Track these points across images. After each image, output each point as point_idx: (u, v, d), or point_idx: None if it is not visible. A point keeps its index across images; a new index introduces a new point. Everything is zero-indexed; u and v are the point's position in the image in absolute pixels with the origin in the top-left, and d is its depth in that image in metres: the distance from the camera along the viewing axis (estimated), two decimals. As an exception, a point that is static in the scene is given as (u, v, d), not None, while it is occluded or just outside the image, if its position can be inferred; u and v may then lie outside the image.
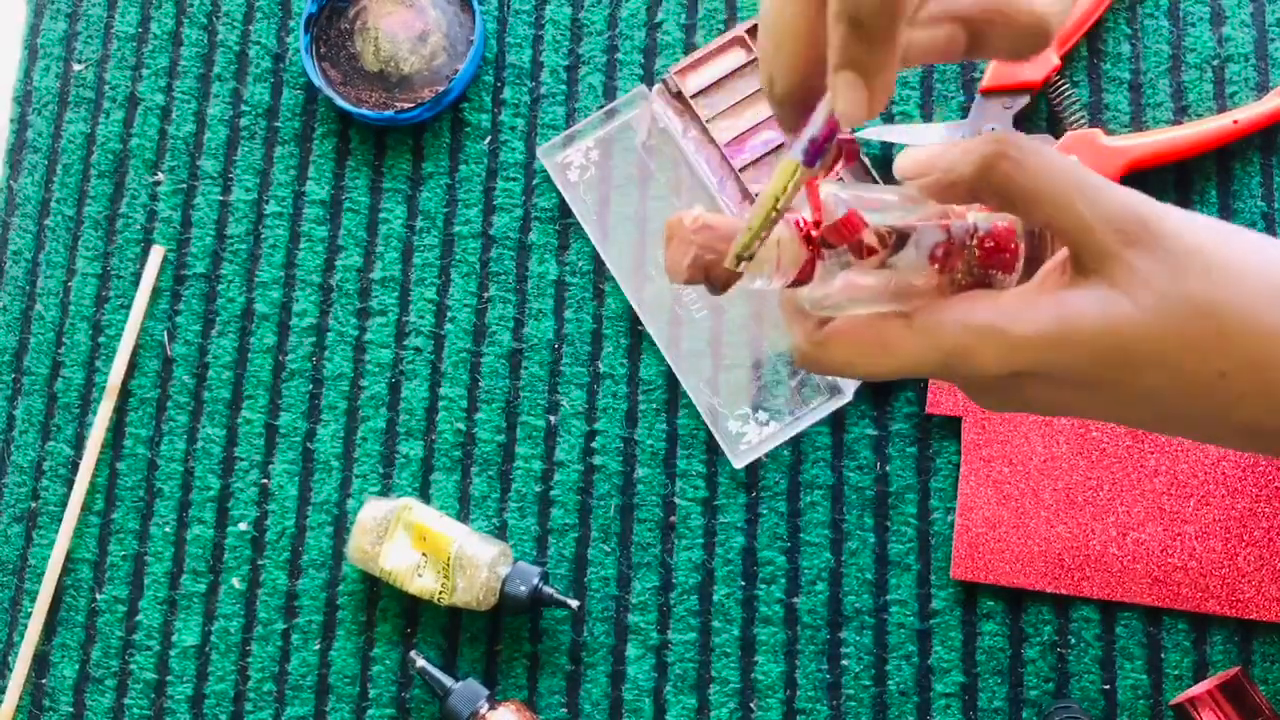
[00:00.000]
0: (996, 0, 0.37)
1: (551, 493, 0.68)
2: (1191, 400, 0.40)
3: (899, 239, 0.39)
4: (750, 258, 0.38)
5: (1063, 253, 0.40)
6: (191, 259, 0.72)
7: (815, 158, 0.37)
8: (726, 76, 0.71)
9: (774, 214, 0.37)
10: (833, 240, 0.38)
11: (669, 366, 0.69)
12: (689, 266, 0.39)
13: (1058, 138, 0.67)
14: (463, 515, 0.68)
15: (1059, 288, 0.39)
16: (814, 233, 0.39)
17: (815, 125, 0.37)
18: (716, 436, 0.67)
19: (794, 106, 0.39)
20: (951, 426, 0.67)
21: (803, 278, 0.39)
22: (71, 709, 0.68)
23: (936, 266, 0.40)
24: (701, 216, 0.39)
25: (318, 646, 0.67)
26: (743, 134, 0.70)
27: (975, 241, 0.41)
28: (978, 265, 0.41)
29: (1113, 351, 0.38)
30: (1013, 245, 0.41)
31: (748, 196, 0.70)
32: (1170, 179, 0.68)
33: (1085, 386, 0.40)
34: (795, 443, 0.67)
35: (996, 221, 0.41)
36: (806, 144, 0.37)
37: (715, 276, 0.39)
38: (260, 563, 0.69)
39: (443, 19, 0.73)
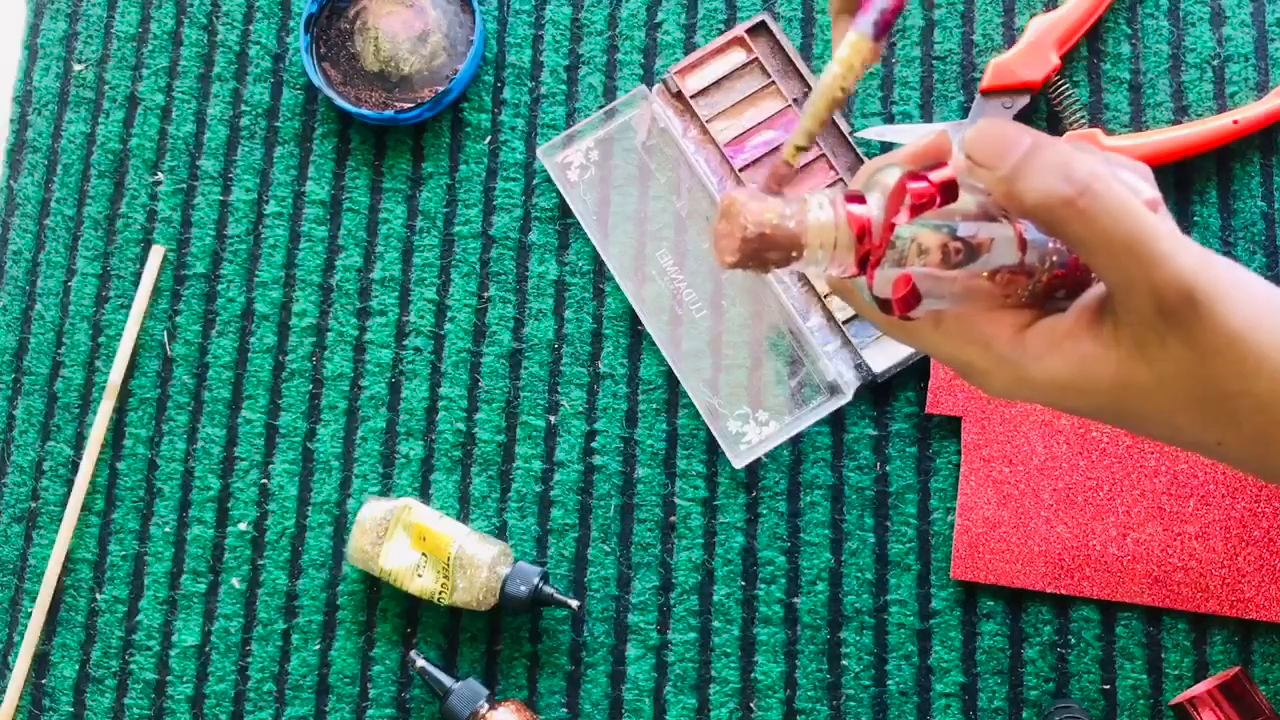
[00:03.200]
0: None
1: (551, 493, 0.68)
2: (1186, 447, 0.41)
3: (969, 252, 0.38)
4: (808, 147, 0.36)
5: (1101, 289, 0.40)
6: (191, 259, 0.72)
7: (884, 31, 0.36)
8: (726, 76, 0.71)
9: (839, 95, 0.36)
10: (911, 207, 0.36)
11: (669, 366, 0.69)
12: (743, 244, 0.36)
13: (1058, 137, 0.67)
14: (463, 515, 0.68)
15: (1087, 327, 0.39)
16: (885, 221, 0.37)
17: None
18: (716, 436, 0.67)
19: None
20: (951, 426, 0.67)
21: (861, 270, 0.38)
22: (71, 709, 0.68)
23: (995, 285, 0.39)
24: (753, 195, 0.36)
25: (318, 646, 0.67)
26: (743, 134, 0.70)
27: (1048, 268, 0.39)
28: (1043, 290, 0.40)
29: (1119, 409, 0.39)
30: (1088, 279, 0.41)
31: (748, 196, 0.70)
32: (1170, 179, 0.68)
33: (1089, 418, 0.42)
34: (795, 443, 0.67)
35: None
36: (876, 16, 0.35)
37: (767, 257, 0.36)
38: (260, 563, 0.69)
39: (443, 19, 0.73)
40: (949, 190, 0.36)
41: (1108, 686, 0.64)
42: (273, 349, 0.71)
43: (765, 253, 0.36)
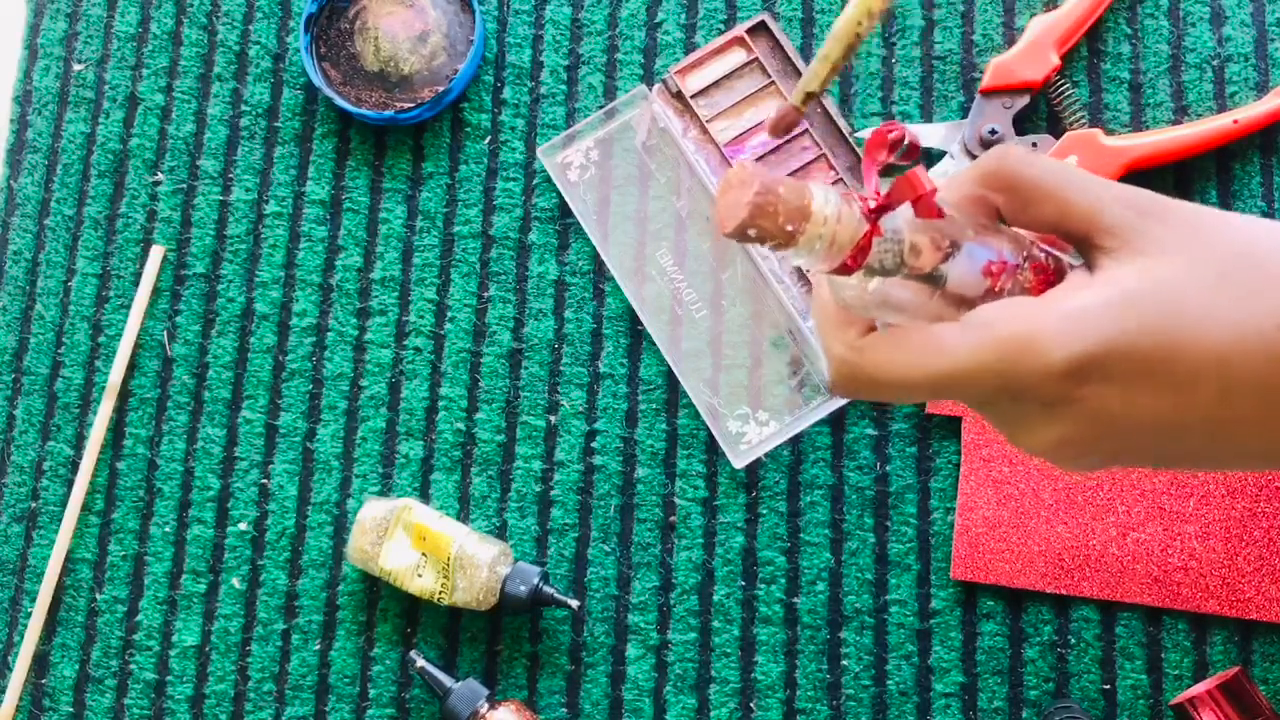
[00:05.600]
0: None
1: (551, 493, 0.68)
2: (1252, 362, 0.37)
3: (954, 247, 0.39)
4: (820, 93, 0.36)
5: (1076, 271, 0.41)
6: (191, 259, 0.72)
7: None
8: (726, 76, 0.71)
9: (854, 39, 0.36)
10: (899, 197, 0.37)
11: (669, 366, 0.69)
12: (746, 212, 0.36)
13: (1058, 138, 0.67)
14: (463, 515, 0.68)
15: (1095, 276, 0.39)
16: (874, 202, 0.37)
17: None
18: (716, 436, 0.67)
19: None
20: (951, 426, 0.67)
21: (851, 264, 0.38)
22: (71, 709, 0.68)
23: (989, 280, 0.39)
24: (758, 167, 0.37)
25: (318, 646, 0.67)
26: (743, 134, 0.70)
27: (1027, 262, 0.40)
28: (1030, 285, 0.40)
29: (1167, 315, 0.37)
30: (1066, 267, 0.41)
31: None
32: (1170, 179, 0.68)
33: (1148, 377, 0.37)
34: (795, 443, 0.67)
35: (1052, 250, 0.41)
36: None
37: (769, 231, 0.36)
38: (260, 563, 0.69)
39: (443, 19, 0.73)
40: (933, 203, 0.38)
41: (1108, 686, 0.64)
42: (273, 349, 0.71)
43: (768, 222, 0.36)
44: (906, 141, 0.38)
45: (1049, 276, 0.41)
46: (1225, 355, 0.37)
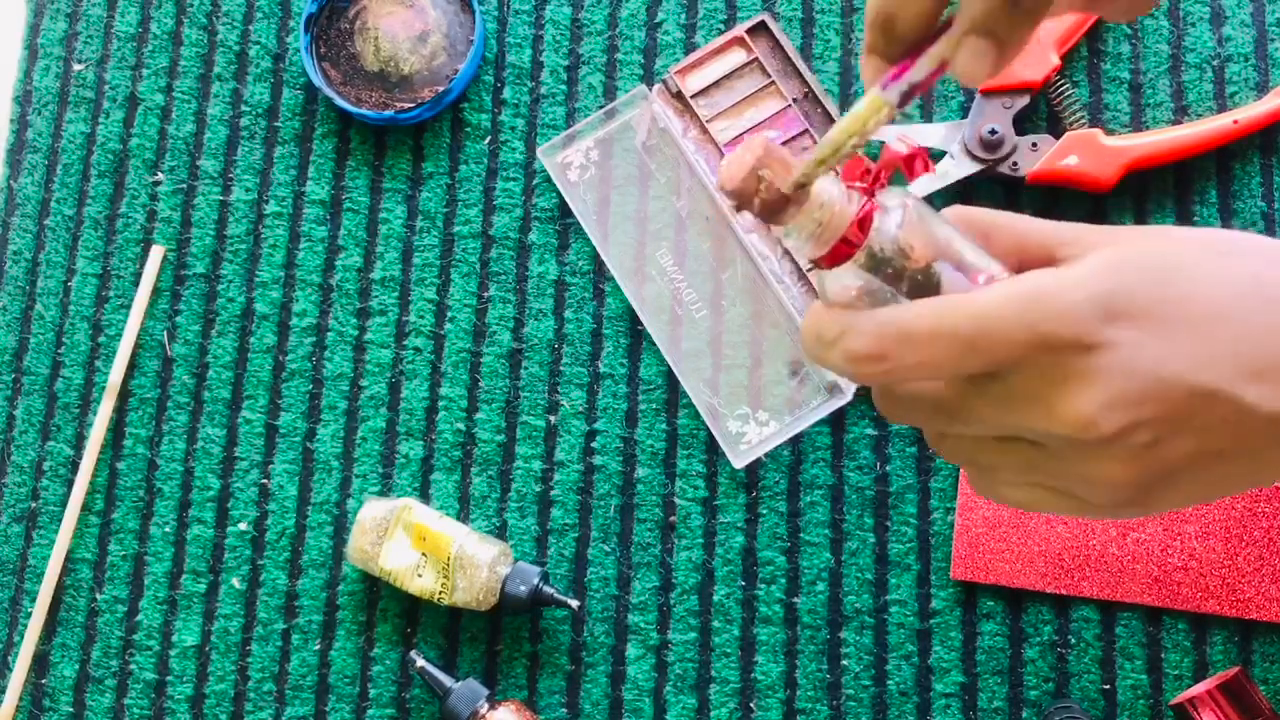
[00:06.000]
0: None
1: (551, 493, 0.68)
2: (1244, 309, 0.37)
3: (946, 246, 0.40)
4: (805, 186, 0.37)
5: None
6: (191, 259, 0.72)
7: (908, 101, 0.37)
8: (726, 76, 0.71)
9: (850, 147, 0.37)
10: (890, 162, 0.38)
11: (669, 366, 0.69)
12: (744, 175, 0.37)
13: (1058, 138, 0.67)
14: (463, 515, 0.68)
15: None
16: (864, 184, 0.38)
17: (920, 72, 0.37)
18: (716, 436, 0.67)
19: (905, 49, 0.39)
20: (951, 426, 0.67)
21: (849, 245, 0.38)
22: (71, 709, 0.68)
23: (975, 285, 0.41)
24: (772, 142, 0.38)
25: (318, 646, 0.67)
26: (743, 134, 0.70)
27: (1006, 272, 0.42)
28: None
29: (1166, 269, 0.37)
30: None
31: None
32: (1170, 179, 0.68)
33: (1169, 322, 0.37)
34: (795, 443, 0.67)
35: None
36: (905, 87, 0.37)
37: (765, 200, 0.37)
38: (260, 563, 0.69)
39: (443, 19, 0.73)
40: (926, 159, 0.40)
41: (1108, 686, 0.64)
42: (273, 349, 0.71)
43: (768, 186, 0.37)
44: (914, 157, 0.39)
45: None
46: (1226, 301, 0.37)
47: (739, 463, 0.67)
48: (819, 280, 0.40)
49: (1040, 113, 0.70)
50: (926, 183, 0.67)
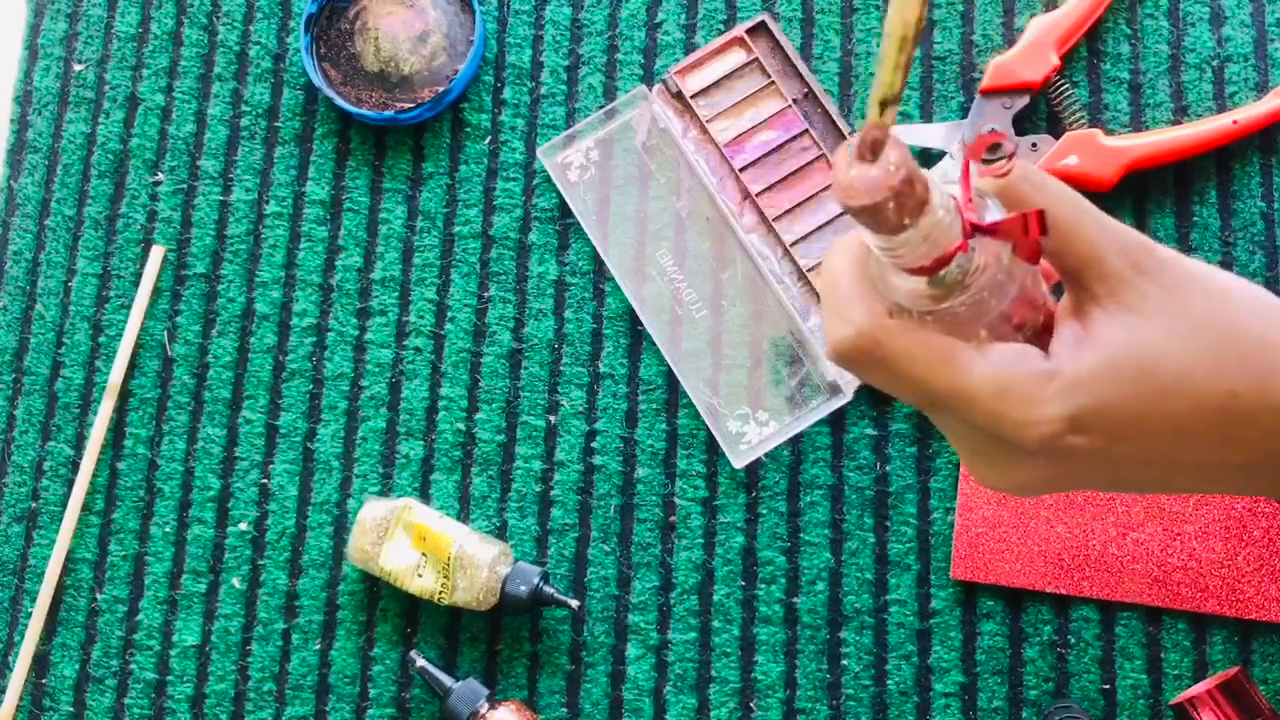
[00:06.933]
0: None
1: (551, 493, 0.68)
2: (1208, 428, 0.40)
3: (1007, 275, 0.39)
4: (892, 102, 0.35)
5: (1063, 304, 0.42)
6: (191, 259, 0.72)
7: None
8: (726, 76, 0.71)
9: (907, 41, 0.35)
10: (1010, 234, 0.37)
11: (669, 366, 0.69)
12: (886, 193, 0.35)
13: (1057, 138, 0.67)
14: (463, 515, 0.68)
15: (1085, 319, 0.40)
16: (971, 220, 0.37)
17: None
18: (716, 436, 0.67)
19: None
20: (951, 426, 0.67)
21: (932, 267, 0.37)
22: (71, 709, 0.68)
23: (1015, 314, 0.40)
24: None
25: (318, 646, 0.67)
26: (743, 134, 0.70)
27: (1044, 304, 0.42)
28: (1039, 325, 0.42)
29: (1145, 375, 0.39)
30: (1054, 307, 0.42)
31: (748, 196, 0.70)
32: (1170, 179, 0.68)
33: (1123, 432, 0.40)
34: (795, 443, 0.67)
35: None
36: None
37: (889, 218, 0.36)
38: (260, 563, 0.69)
39: (443, 19, 0.73)
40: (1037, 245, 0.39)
41: (1108, 686, 0.64)
42: (273, 349, 0.71)
43: (896, 212, 0.36)
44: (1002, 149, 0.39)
45: (1050, 321, 0.42)
46: (1184, 427, 0.40)
47: (739, 463, 0.67)
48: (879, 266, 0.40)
49: (1040, 113, 0.70)
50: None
